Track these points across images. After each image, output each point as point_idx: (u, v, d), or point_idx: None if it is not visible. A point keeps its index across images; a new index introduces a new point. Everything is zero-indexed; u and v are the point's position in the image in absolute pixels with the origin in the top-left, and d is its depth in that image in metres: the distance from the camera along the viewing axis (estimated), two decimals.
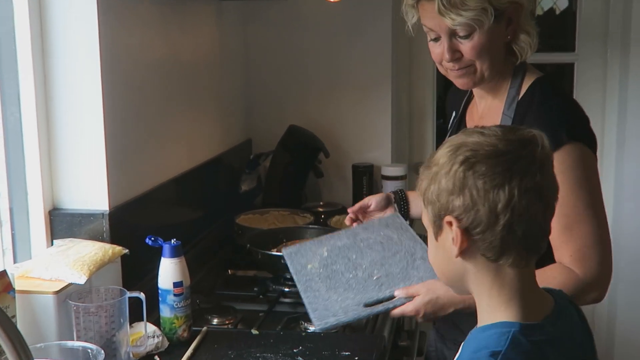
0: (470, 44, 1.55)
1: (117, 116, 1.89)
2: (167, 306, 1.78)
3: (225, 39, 2.79)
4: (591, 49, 3.10)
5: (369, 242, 1.76)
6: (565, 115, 1.55)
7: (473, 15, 1.50)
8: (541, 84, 1.62)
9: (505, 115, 1.61)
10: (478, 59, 1.57)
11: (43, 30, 1.79)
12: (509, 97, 1.62)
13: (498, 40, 1.59)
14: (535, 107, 1.57)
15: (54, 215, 1.86)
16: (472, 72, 1.60)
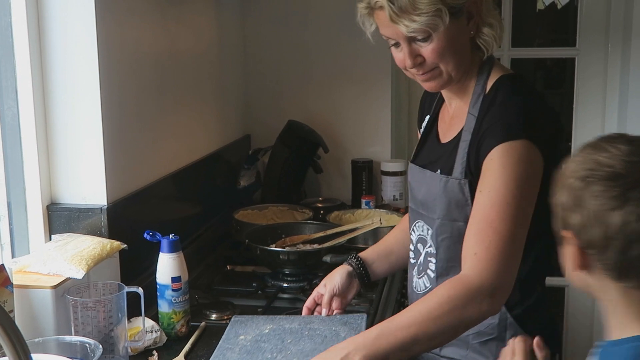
0: (430, 47, 1.50)
1: (115, 111, 1.90)
2: (165, 301, 1.78)
3: (224, 33, 2.79)
4: (592, 43, 3.10)
5: (315, 332, 1.71)
6: (524, 112, 1.49)
7: (427, 19, 1.44)
8: (506, 80, 1.57)
9: (470, 114, 1.56)
10: (441, 61, 1.52)
11: (40, 24, 1.79)
12: (475, 95, 1.58)
13: (460, 38, 1.53)
14: (497, 103, 1.52)
15: (52, 210, 1.86)
16: (438, 75, 1.55)
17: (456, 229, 1.56)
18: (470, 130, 1.54)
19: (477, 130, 1.52)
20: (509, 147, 1.43)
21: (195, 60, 2.50)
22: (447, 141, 1.64)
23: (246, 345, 1.66)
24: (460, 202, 1.54)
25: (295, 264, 2.18)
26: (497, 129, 1.46)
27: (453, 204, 1.55)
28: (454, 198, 1.55)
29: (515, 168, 1.42)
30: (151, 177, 2.13)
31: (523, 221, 1.43)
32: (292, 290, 2.14)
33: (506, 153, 1.42)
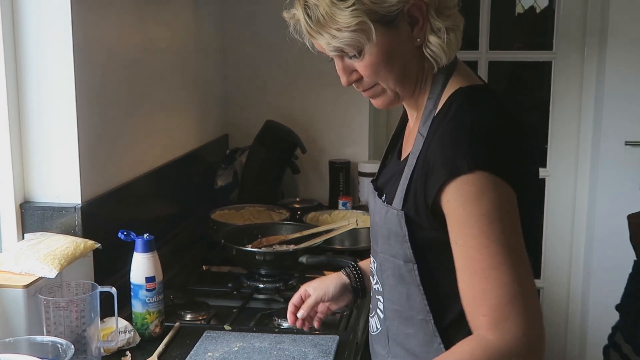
0: (362, 64, 1.26)
1: (90, 109, 1.89)
2: (139, 301, 1.78)
3: (202, 32, 2.79)
4: (569, 47, 3.13)
5: (284, 353, 1.69)
6: (472, 136, 1.18)
7: (348, 35, 1.22)
8: (461, 94, 1.27)
9: (419, 133, 1.28)
10: (378, 78, 1.28)
11: (15, 21, 1.78)
12: (426, 111, 1.30)
13: (401, 49, 1.26)
14: (446, 122, 1.23)
15: (25, 208, 1.85)
16: (382, 92, 1.31)
17: (397, 267, 1.30)
18: (416, 154, 1.26)
19: (423, 156, 1.24)
20: (461, 182, 1.15)
21: (172, 60, 2.49)
22: (402, 158, 1.38)
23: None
24: (399, 237, 1.27)
25: (271, 264, 2.18)
26: (441, 166, 1.18)
27: (393, 238, 1.29)
28: (393, 231, 1.28)
29: (478, 203, 1.15)
30: (127, 176, 2.12)
31: (517, 255, 1.15)
32: (268, 290, 2.14)
33: (460, 190, 1.15)
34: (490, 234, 1.14)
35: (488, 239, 1.14)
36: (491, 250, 1.14)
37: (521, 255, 1.16)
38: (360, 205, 2.91)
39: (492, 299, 1.13)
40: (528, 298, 1.14)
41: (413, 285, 1.28)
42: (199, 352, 1.71)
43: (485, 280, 1.14)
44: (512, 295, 1.13)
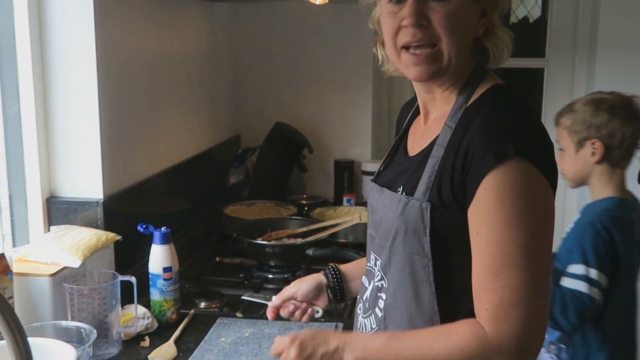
0: (444, 10, 1.14)
1: (111, 109, 1.89)
2: (157, 290, 1.79)
3: (216, 39, 2.79)
4: (560, 55, 3.13)
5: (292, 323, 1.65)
6: (517, 123, 1.13)
7: None
8: (494, 91, 1.21)
9: (447, 125, 1.19)
10: (447, 34, 1.15)
11: (42, 27, 1.79)
12: (456, 105, 1.21)
13: (470, 25, 1.19)
14: (484, 112, 1.15)
15: (51, 202, 1.86)
16: (436, 57, 1.17)
17: (409, 263, 1.20)
18: (443, 144, 1.17)
19: (453, 147, 1.15)
20: (502, 172, 1.07)
21: (188, 65, 2.50)
22: (415, 154, 1.28)
23: (225, 347, 1.66)
24: (418, 230, 1.17)
25: (279, 256, 2.19)
26: (485, 152, 1.09)
27: (410, 231, 1.18)
28: (411, 224, 1.18)
29: (514, 199, 1.07)
30: (145, 173, 2.13)
31: (537, 260, 1.08)
32: (277, 281, 2.14)
33: (500, 181, 1.07)
34: (514, 234, 1.07)
35: (511, 238, 1.07)
36: (510, 250, 1.07)
37: (541, 259, 1.09)
38: (363, 201, 2.90)
39: (497, 297, 1.08)
40: (533, 304, 1.08)
41: (425, 283, 1.19)
42: (212, 337, 1.72)
43: (496, 278, 1.08)
44: (517, 298, 1.07)
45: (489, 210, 1.09)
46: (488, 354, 1.09)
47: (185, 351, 1.65)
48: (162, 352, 1.63)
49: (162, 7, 2.22)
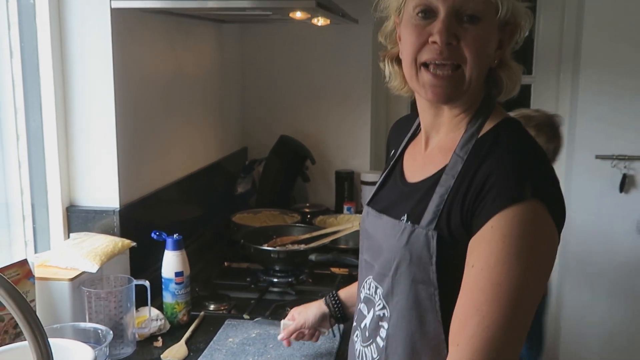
0: (475, 32, 1.05)
1: (127, 123, 1.90)
2: (169, 293, 1.79)
3: (225, 57, 2.79)
4: (546, 72, 3.14)
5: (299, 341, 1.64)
6: (535, 165, 1.05)
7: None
8: (509, 126, 1.12)
9: (457, 155, 1.10)
10: (474, 57, 1.06)
11: (63, 47, 1.80)
12: (467, 134, 1.11)
13: (490, 54, 1.10)
14: (502, 147, 1.06)
15: (71, 211, 1.86)
16: (457, 79, 1.08)
17: (413, 293, 1.10)
18: (454, 174, 1.08)
19: (466, 178, 1.06)
20: (514, 213, 0.98)
21: (199, 82, 2.50)
22: (417, 181, 1.17)
23: (233, 347, 1.65)
24: (423, 260, 1.08)
25: (284, 261, 2.18)
26: (502, 189, 1.00)
27: (415, 261, 1.09)
28: (416, 253, 1.08)
29: (518, 240, 0.97)
30: (159, 184, 2.13)
31: (521, 307, 0.98)
32: (281, 284, 2.14)
33: (510, 221, 0.98)
34: (508, 274, 0.97)
35: (503, 277, 0.97)
36: (499, 289, 0.97)
37: (526, 305, 0.99)
38: (362, 209, 2.91)
39: (473, 333, 0.97)
40: (506, 348, 0.97)
41: (430, 312, 1.09)
42: (221, 338, 1.71)
43: (476, 312, 0.98)
44: (493, 337, 0.96)
45: (490, 246, 0.99)
46: None
47: (195, 351, 1.65)
48: (174, 352, 1.63)
49: (175, 28, 2.23)
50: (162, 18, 2.11)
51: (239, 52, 3.00)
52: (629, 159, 2.94)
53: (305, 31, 2.90)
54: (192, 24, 2.39)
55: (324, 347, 1.66)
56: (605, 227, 3.02)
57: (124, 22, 1.84)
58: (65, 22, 1.78)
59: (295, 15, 1.97)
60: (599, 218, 3.01)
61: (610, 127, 2.94)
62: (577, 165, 3.01)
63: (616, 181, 2.98)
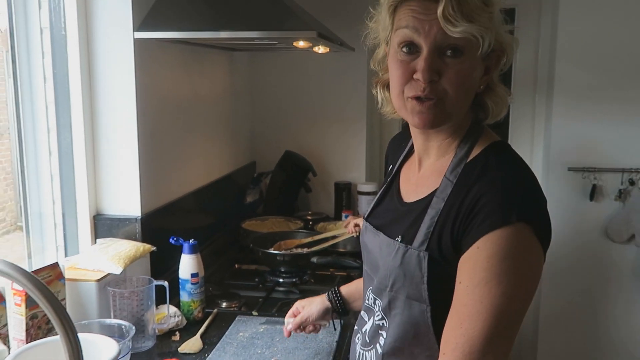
0: (457, 67, 1.00)
1: (148, 141, 1.90)
2: (185, 292, 1.79)
3: (235, 82, 2.80)
4: (523, 95, 3.14)
5: (299, 334, 1.61)
6: (523, 189, 0.98)
7: (477, 29, 0.97)
8: (496, 150, 1.06)
9: (447, 178, 1.05)
10: (455, 91, 1.01)
11: (90, 72, 1.81)
12: (456, 158, 1.06)
13: (475, 82, 1.04)
14: (491, 171, 1.01)
15: (97, 219, 1.86)
16: (439, 108, 1.02)
17: (408, 308, 1.07)
18: (444, 198, 1.04)
19: (455, 202, 1.01)
20: (500, 235, 0.94)
21: (212, 103, 2.51)
22: (411, 201, 1.13)
23: (243, 341, 1.65)
24: (416, 279, 1.04)
25: (289, 264, 2.19)
26: (490, 213, 0.95)
27: (408, 279, 1.05)
28: (409, 272, 1.05)
29: (502, 262, 0.93)
30: (176, 194, 2.13)
31: (503, 321, 0.94)
32: (286, 284, 2.14)
33: (496, 243, 0.94)
34: (490, 292, 0.93)
35: (487, 295, 0.93)
36: (481, 306, 0.94)
37: (508, 322, 0.95)
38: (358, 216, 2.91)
39: (455, 345, 0.95)
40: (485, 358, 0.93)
41: (423, 326, 1.06)
42: (232, 332, 1.71)
43: (459, 326, 0.95)
44: (471, 349, 0.93)
45: (475, 266, 0.95)
46: None
47: (209, 344, 1.65)
48: (190, 345, 1.63)
49: (191, 56, 2.24)
50: (179, 47, 2.12)
51: (248, 77, 3.01)
52: (598, 171, 2.94)
53: (307, 58, 2.91)
54: (206, 52, 2.40)
55: (325, 340, 1.66)
56: (576, 232, 3.02)
57: (145, 51, 1.85)
58: (93, 51, 1.79)
59: (298, 44, 1.98)
60: (571, 223, 3.01)
61: (581, 143, 2.95)
62: (552, 176, 3.01)
63: (587, 191, 2.98)
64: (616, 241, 2.98)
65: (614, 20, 2.81)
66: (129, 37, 1.77)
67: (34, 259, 1.79)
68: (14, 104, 1.75)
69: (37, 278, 0.94)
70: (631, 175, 2.91)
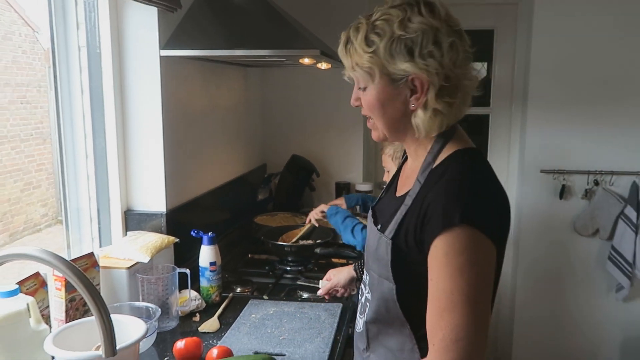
0: (364, 97, 1.09)
1: (172, 146, 1.91)
2: (205, 279, 1.79)
3: (249, 94, 2.81)
4: (501, 105, 3.14)
5: (304, 315, 1.66)
6: (465, 196, 0.98)
7: (359, 73, 1.06)
8: (457, 157, 1.06)
9: (418, 180, 1.07)
10: (372, 114, 1.09)
11: (122, 84, 1.81)
12: (425, 163, 1.08)
13: (395, 104, 1.05)
14: (443, 181, 1.02)
15: (128, 214, 1.87)
16: (374, 126, 1.12)
17: (380, 285, 1.11)
18: (412, 196, 1.06)
19: (418, 202, 1.04)
20: (450, 235, 0.96)
21: (228, 113, 2.51)
22: (398, 196, 1.16)
23: (255, 321, 1.66)
24: (384, 261, 1.08)
25: (295, 254, 2.19)
26: (438, 217, 0.98)
27: (381, 260, 1.10)
28: (380, 255, 1.09)
29: (458, 257, 0.96)
30: (196, 193, 2.13)
31: (475, 308, 0.96)
32: (293, 272, 2.14)
33: (448, 242, 0.96)
34: (457, 284, 0.95)
35: (455, 287, 0.95)
36: (453, 297, 0.95)
37: (480, 304, 0.96)
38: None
39: (441, 334, 0.97)
40: (472, 341, 0.95)
41: (391, 301, 1.09)
42: (245, 314, 1.71)
43: (440, 318, 0.97)
44: (458, 335, 0.95)
45: (438, 263, 0.97)
46: None
47: (225, 324, 1.65)
48: (209, 325, 1.63)
49: (210, 70, 2.24)
50: (200, 63, 2.12)
51: (260, 90, 3.01)
52: (567, 173, 2.94)
53: (312, 73, 2.91)
54: (223, 68, 2.40)
55: (327, 322, 1.66)
56: (548, 226, 3.01)
57: (169, 67, 1.85)
58: (124, 67, 1.80)
59: (304, 61, 1.98)
60: (543, 219, 3.00)
61: (552, 148, 2.94)
62: (526, 178, 3.00)
63: (557, 190, 2.98)
64: (583, 235, 2.97)
65: (581, 42, 2.81)
66: (156, 55, 1.78)
67: (72, 249, 1.79)
68: (56, 113, 1.76)
69: (75, 266, 0.95)
70: (596, 176, 2.91)
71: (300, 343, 1.52)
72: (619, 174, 2.88)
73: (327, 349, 1.49)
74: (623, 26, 2.77)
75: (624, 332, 3.05)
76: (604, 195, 2.89)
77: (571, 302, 3.08)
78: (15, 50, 4.16)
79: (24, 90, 4.23)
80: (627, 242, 2.84)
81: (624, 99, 2.83)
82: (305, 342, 1.52)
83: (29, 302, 1.23)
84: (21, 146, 4.24)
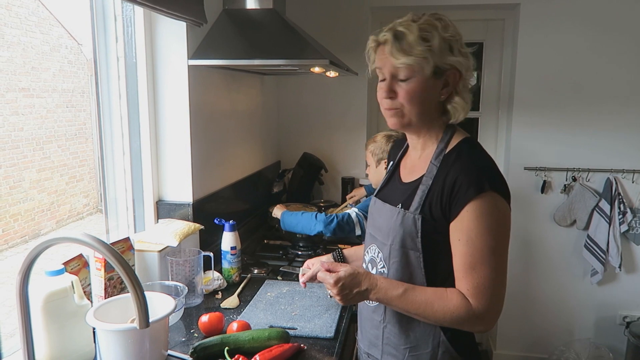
0: (406, 88, 1.11)
1: (198, 144, 1.91)
2: (226, 261, 1.80)
3: (265, 99, 2.80)
4: (489, 110, 3.11)
5: (314, 294, 1.65)
6: (488, 168, 1.10)
7: (414, 59, 1.08)
8: (467, 143, 1.16)
9: (432, 164, 1.15)
10: (408, 103, 1.12)
11: (155, 90, 1.82)
12: (438, 149, 1.16)
13: (431, 95, 1.12)
14: (464, 157, 1.11)
15: (159, 204, 1.87)
16: (401, 115, 1.14)
17: (404, 255, 1.15)
18: (431, 177, 1.13)
19: (439, 180, 1.11)
20: (482, 200, 1.04)
21: (247, 114, 2.51)
22: (408, 182, 1.21)
23: (270, 299, 1.66)
24: (412, 234, 1.13)
25: (306, 240, 2.19)
26: (468, 186, 1.06)
27: (407, 234, 1.14)
28: (407, 229, 1.14)
29: (488, 218, 1.05)
30: (219, 185, 2.13)
31: (501, 261, 1.06)
32: (304, 256, 2.14)
33: (481, 205, 1.04)
34: (486, 240, 1.05)
35: (484, 244, 1.05)
36: (483, 252, 1.05)
37: (502, 259, 1.07)
38: None
39: (475, 282, 1.06)
40: (498, 288, 1.07)
41: (417, 269, 1.14)
42: (262, 293, 1.72)
43: (473, 270, 1.06)
44: (489, 283, 1.05)
45: (469, 224, 1.06)
46: (471, 318, 1.07)
47: (244, 302, 1.66)
48: (230, 302, 1.64)
49: (231, 78, 2.24)
50: (223, 71, 2.13)
51: (275, 95, 3.01)
52: (548, 170, 2.92)
53: (321, 80, 2.91)
54: (243, 76, 2.40)
55: (334, 300, 1.65)
56: (530, 218, 2.99)
57: (196, 75, 1.86)
58: (156, 74, 1.80)
59: (314, 69, 1.98)
60: (526, 211, 2.98)
61: (534, 147, 2.92)
62: (511, 174, 2.98)
63: (538, 185, 2.96)
64: (561, 225, 2.95)
65: (560, 54, 2.79)
66: (184, 64, 1.78)
67: (110, 234, 1.80)
68: (97, 115, 1.76)
69: (114, 248, 0.95)
70: (574, 173, 2.88)
71: (310, 318, 1.52)
72: (594, 171, 2.86)
73: (333, 324, 1.49)
74: (597, 40, 2.74)
75: (597, 313, 3.03)
76: (580, 190, 2.87)
77: (550, 285, 3.06)
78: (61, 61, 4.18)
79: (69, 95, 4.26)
80: (602, 232, 2.82)
81: (598, 105, 2.80)
82: (315, 318, 1.53)
83: (73, 280, 1.24)
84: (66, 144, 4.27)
